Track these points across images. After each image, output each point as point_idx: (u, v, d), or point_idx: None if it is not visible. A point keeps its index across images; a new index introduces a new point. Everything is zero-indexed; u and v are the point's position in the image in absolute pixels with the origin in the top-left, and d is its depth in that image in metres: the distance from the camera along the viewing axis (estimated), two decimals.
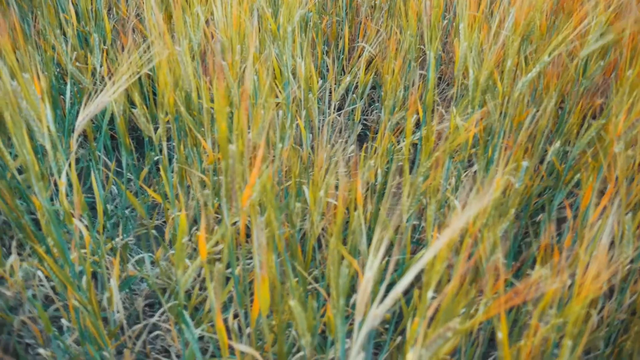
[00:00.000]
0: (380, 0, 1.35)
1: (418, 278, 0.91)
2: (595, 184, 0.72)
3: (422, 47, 1.20)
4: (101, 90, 0.67)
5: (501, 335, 0.47)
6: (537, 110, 0.90)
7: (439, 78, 1.48)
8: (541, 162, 0.92)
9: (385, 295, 0.41)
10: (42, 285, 0.98)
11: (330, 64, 1.22)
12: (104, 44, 1.26)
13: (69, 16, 1.24)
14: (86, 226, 0.93)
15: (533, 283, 0.49)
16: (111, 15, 1.48)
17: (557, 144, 0.77)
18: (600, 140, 0.83)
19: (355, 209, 0.67)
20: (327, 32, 1.37)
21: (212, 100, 0.84)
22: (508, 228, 0.84)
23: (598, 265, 0.44)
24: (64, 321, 0.83)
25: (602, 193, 0.90)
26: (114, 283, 0.81)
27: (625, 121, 0.63)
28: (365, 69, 1.22)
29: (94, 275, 1.02)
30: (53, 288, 0.95)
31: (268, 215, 0.60)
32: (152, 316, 0.92)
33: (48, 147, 0.68)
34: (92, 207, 1.17)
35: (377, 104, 1.39)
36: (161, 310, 0.92)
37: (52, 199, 1.08)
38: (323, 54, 1.32)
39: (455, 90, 0.96)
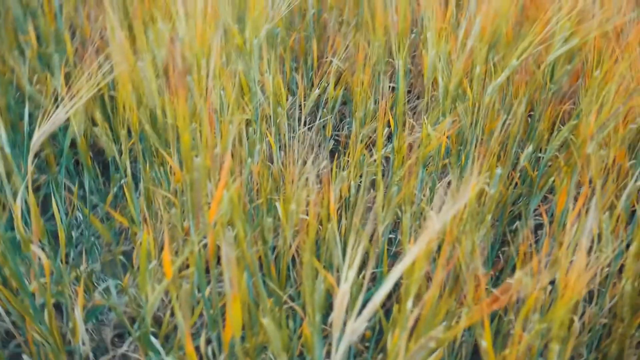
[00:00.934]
0: (348, 15, 1.35)
1: (398, 292, 0.89)
2: (570, 187, 0.71)
3: (390, 60, 1.20)
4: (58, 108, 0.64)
5: (485, 343, 0.45)
6: (508, 117, 0.89)
7: (409, 91, 1.48)
8: (514, 168, 0.91)
9: (363, 309, 0.39)
10: (2, 321, 0.93)
11: (299, 79, 1.21)
12: (66, 66, 1.22)
13: (29, 38, 1.21)
14: (47, 254, 0.88)
15: (514, 287, 0.47)
16: (75, 38, 1.45)
17: (530, 148, 0.77)
18: (572, 144, 0.83)
19: (328, 220, 0.64)
20: (295, 49, 1.36)
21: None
22: (485, 236, 0.82)
23: (580, 265, 0.43)
24: (25, 357, 0.78)
25: (575, 199, 0.89)
26: (78, 313, 0.76)
27: (596, 121, 0.62)
28: (335, 84, 1.21)
29: (58, 306, 0.96)
30: (14, 323, 0.90)
31: (237, 230, 0.57)
32: (121, 347, 0.87)
33: (1, 169, 0.64)
34: (55, 235, 1.12)
35: (348, 119, 1.38)
36: (130, 339, 0.87)
37: (12, 228, 1.03)
38: (292, 70, 1.31)
39: (425, 101, 0.96)
